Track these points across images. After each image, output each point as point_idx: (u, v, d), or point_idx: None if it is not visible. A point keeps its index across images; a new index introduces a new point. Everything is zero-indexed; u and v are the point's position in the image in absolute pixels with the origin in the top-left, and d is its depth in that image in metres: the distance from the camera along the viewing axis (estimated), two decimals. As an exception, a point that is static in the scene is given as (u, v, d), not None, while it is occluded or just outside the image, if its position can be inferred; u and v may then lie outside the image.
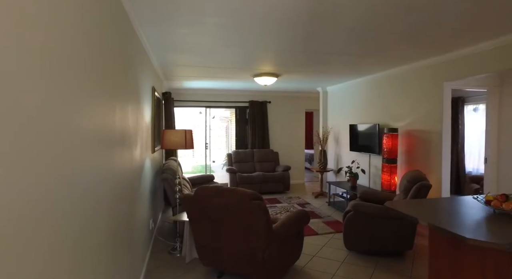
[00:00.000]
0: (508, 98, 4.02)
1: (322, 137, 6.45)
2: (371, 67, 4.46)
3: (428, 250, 2.09)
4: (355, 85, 5.66)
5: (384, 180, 4.37)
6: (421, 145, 4.09)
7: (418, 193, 3.18)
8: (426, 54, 3.66)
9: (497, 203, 2.00)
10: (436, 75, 3.84)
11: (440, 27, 2.74)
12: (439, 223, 1.77)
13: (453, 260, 1.90)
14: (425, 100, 4.02)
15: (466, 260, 1.80)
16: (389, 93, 4.71)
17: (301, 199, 6.14)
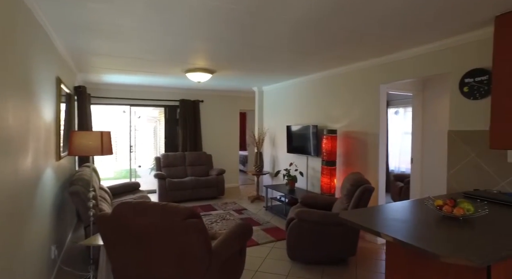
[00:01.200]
0: (429, 102, 4.31)
1: (258, 138, 6.22)
2: (310, 67, 4.36)
3: (386, 262, 1.93)
4: (293, 85, 5.55)
5: (324, 183, 4.30)
6: (358, 147, 4.11)
7: (362, 196, 3.10)
8: (365, 55, 3.65)
9: (448, 209, 1.94)
10: (373, 77, 3.88)
11: (383, 29, 2.68)
12: (405, 238, 1.59)
13: (412, 272, 1.76)
14: (362, 101, 4.05)
15: (428, 273, 1.66)
16: (326, 94, 4.69)
17: (237, 205, 5.80)
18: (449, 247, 1.49)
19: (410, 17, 2.47)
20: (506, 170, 2.62)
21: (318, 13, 2.39)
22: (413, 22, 2.57)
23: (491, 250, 1.44)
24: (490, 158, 2.71)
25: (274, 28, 2.74)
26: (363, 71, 4.01)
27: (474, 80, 2.79)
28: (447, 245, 1.51)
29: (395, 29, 2.73)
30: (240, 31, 2.84)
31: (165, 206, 2.00)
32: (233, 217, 4.96)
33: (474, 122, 2.83)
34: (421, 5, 2.26)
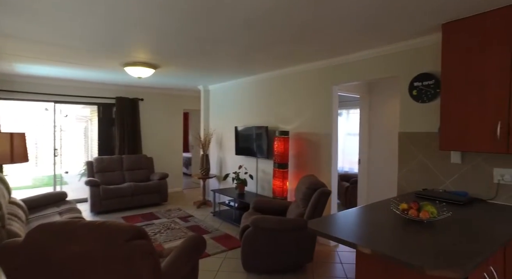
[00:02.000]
0: (375, 104, 4.48)
1: (204, 140, 5.88)
2: (260, 65, 4.19)
3: (356, 273, 1.81)
4: (242, 84, 5.34)
5: (276, 187, 4.16)
6: (311, 148, 4.06)
7: (319, 200, 3.02)
8: (317, 56, 3.60)
9: (414, 213, 1.90)
10: (325, 78, 3.86)
11: (339, 30, 2.61)
12: (382, 249, 1.47)
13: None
14: (314, 102, 4.00)
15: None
16: (278, 94, 4.57)
17: (182, 211, 5.38)
18: (429, 257, 1.40)
19: (365, 19, 2.44)
20: (450, 170, 2.75)
21: (273, 4, 2.21)
22: (366, 25, 2.56)
23: (468, 258, 1.39)
24: (436, 158, 2.83)
25: (226, 20, 2.48)
26: (315, 71, 3.97)
27: (422, 84, 2.90)
28: (427, 255, 1.42)
29: (349, 31, 2.69)
30: (189, 21, 2.52)
31: (101, 226, 1.60)
32: (179, 226, 4.56)
33: (422, 124, 2.93)
34: (374, 9, 2.24)
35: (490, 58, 2.24)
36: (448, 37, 2.46)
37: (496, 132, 2.21)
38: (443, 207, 2.11)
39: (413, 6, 2.22)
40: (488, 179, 2.53)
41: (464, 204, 2.36)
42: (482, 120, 2.29)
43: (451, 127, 2.46)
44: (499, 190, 2.46)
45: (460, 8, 2.24)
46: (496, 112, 2.22)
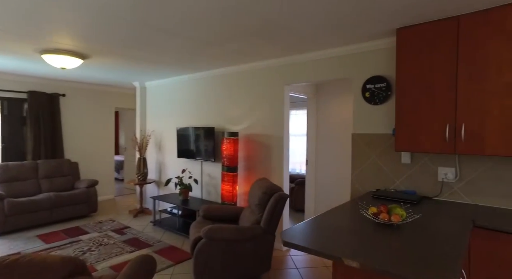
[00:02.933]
0: (322, 106, 4.54)
1: (141, 142, 5.31)
2: (210, 62, 3.89)
3: (333, 287, 1.67)
4: (185, 82, 4.94)
5: (225, 191, 3.90)
6: (262, 150, 3.90)
7: (277, 205, 2.86)
8: (270, 54, 3.46)
9: (385, 216, 1.86)
10: (277, 77, 3.74)
11: (305, 26, 2.50)
12: (372, 263, 1.35)
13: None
14: (266, 102, 3.86)
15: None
16: (226, 93, 4.31)
17: (116, 222, 4.76)
18: (418, 266, 1.33)
19: (329, 19, 2.37)
20: (400, 170, 2.86)
21: (243, -8, 1.98)
22: (330, 24, 2.49)
23: (451, 263, 1.35)
24: (388, 159, 2.92)
25: (182, 7, 2.16)
26: (267, 70, 3.83)
27: (375, 87, 2.96)
28: (415, 264, 1.34)
29: (314, 29, 2.60)
30: (134, 2, 2.13)
31: (19, 265, 1.17)
32: (114, 240, 3.98)
33: (375, 126, 3.00)
34: (340, 8, 2.17)
35: (438, 63, 2.35)
36: (402, 42, 2.53)
37: (445, 134, 2.33)
38: (409, 209, 2.13)
39: (374, 10, 2.22)
40: (434, 177, 2.68)
41: (416, 203, 2.45)
42: (432, 123, 2.39)
43: (405, 129, 2.53)
44: (443, 188, 2.63)
45: (414, 15, 2.30)
46: (444, 115, 2.34)
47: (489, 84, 2.17)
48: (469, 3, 2.10)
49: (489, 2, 2.09)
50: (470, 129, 2.24)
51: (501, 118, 2.13)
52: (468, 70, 2.24)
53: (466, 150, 2.26)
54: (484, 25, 2.18)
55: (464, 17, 2.25)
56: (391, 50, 2.88)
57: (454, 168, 2.57)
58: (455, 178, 2.57)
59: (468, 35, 2.24)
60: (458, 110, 2.28)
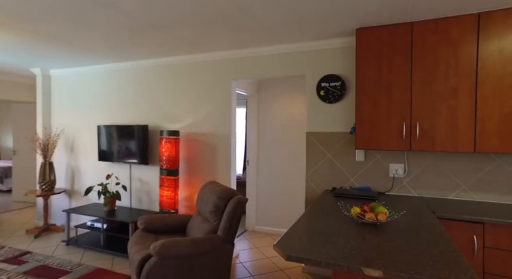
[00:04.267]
0: (264, 104, 4.43)
1: (46, 143, 4.30)
2: (144, 49, 3.35)
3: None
4: (111, 72, 4.19)
5: (165, 198, 3.42)
6: (206, 151, 3.56)
7: (236, 210, 2.60)
8: (218, 45, 3.16)
9: (372, 216, 1.82)
10: (225, 71, 3.46)
11: (261, 18, 2.31)
12: (392, 270, 1.25)
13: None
14: (211, 98, 3.53)
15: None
16: (165, 87, 3.81)
17: (7, 249, 3.71)
18: (436, 269, 1.28)
19: (293, 13, 2.25)
20: (354, 167, 2.94)
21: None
22: (291, 19, 2.37)
23: (460, 261, 1.36)
24: (342, 157, 2.98)
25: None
26: (213, 63, 3.51)
27: (329, 85, 2.98)
28: (429, 266, 1.30)
29: (272, 23, 2.44)
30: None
31: None
32: (8, 274, 3.06)
33: (329, 124, 3.02)
34: (300, 4, 2.08)
35: (395, 64, 2.48)
36: (362, 42, 2.58)
37: (402, 132, 2.47)
38: (386, 206, 2.16)
39: (334, 9, 2.19)
40: (385, 173, 2.83)
41: (377, 199, 2.54)
42: (391, 121, 2.51)
43: (366, 128, 2.59)
44: (394, 183, 2.80)
45: (372, 17, 2.37)
46: (401, 114, 2.48)
47: (438, 87, 2.37)
48: (421, 10, 2.25)
49: (438, 13, 2.27)
50: (423, 128, 2.41)
51: (448, 118, 2.35)
52: (421, 73, 2.41)
53: (419, 147, 2.42)
54: (433, 33, 2.38)
55: (417, 24, 2.42)
56: (347, 50, 2.93)
57: (403, 164, 2.76)
58: (404, 174, 2.76)
59: (420, 41, 2.41)
60: (413, 110, 2.44)
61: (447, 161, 2.64)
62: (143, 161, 3.75)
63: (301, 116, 4.14)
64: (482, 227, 2.10)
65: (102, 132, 4.03)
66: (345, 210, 2.13)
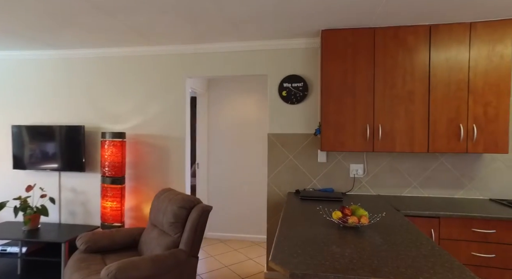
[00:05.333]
0: (214, 104, 4.19)
1: None
2: (87, 36, 2.85)
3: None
4: (32, 60, 3.47)
5: (109, 210, 2.95)
6: (156, 155, 3.20)
7: (200, 220, 2.37)
8: (177, 38, 2.86)
9: (355, 219, 1.79)
10: (178, 67, 3.15)
11: (221, 8, 2.14)
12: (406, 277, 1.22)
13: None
14: (162, 97, 3.18)
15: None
16: (105, 83, 3.30)
17: None
18: (435, 270, 1.30)
19: (259, 6, 2.13)
20: (316, 169, 2.95)
21: None
22: (255, 13, 2.25)
23: (451, 259, 1.40)
24: (305, 159, 2.96)
25: None
26: (166, 58, 3.17)
27: (292, 86, 2.94)
28: (430, 269, 1.31)
29: (240, 13, 2.28)
30: None
31: None
32: None
33: (292, 126, 2.98)
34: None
35: (359, 67, 2.55)
36: (328, 43, 2.59)
37: (366, 134, 2.55)
38: (362, 207, 2.17)
39: (298, 8, 2.15)
40: (346, 174, 2.90)
41: (342, 200, 2.57)
42: (355, 123, 2.56)
43: (331, 129, 2.60)
44: (355, 183, 2.89)
45: (336, 19, 2.39)
46: (365, 116, 2.55)
47: (397, 91, 2.51)
48: (383, 17, 2.35)
49: (397, 21, 2.40)
50: (385, 130, 2.53)
51: (406, 120, 2.50)
52: (382, 76, 2.52)
53: (382, 148, 2.53)
54: (393, 39, 2.51)
55: (379, 30, 2.52)
56: (310, 51, 2.92)
57: (363, 164, 2.86)
58: (364, 174, 2.86)
59: (382, 46, 2.52)
60: (376, 112, 2.54)
61: (401, 161, 2.82)
62: (77, 167, 3.20)
63: (256, 117, 4.04)
64: (438, 221, 2.27)
65: (18, 133, 3.32)
66: (326, 214, 2.09)
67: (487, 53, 2.42)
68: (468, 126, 2.44)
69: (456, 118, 2.44)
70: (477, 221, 2.24)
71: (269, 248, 3.01)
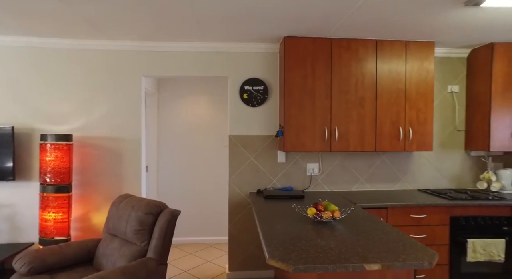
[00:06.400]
0: (165, 104, 4.00)
1: None
2: (25, 19, 2.45)
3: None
4: None
5: (52, 223, 2.58)
6: (107, 158, 2.93)
7: (168, 226, 2.27)
8: (134, 33, 2.67)
9: (329, 214, 1.95)
10: (134, 65, 2.93)
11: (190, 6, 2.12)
12: (386, 260, 1.39)
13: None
14: (113, 96, 2.92)
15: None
16: (43, 77, 2.87)
17: None
18: (407, 253, 1.51)
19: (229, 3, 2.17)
20: (276, 169, 3.08)
21: None
22: (220, 12, 2.28)
23: (419, 245, 1.65)
24: (265, 160, 3.06)
25: None
26: (120, 53, 2.92)
27: (253, 88, 3.01)
28: (402, 252, 1.53)
29: (206, 10, 2.27)
30: None
31: None
32: None
33: (252, 127, 3.05)
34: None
35: (318, 73, 2.76)
36: (290, 50, 2.73)
37: (325, 135, 2.77)
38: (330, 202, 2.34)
39: (262, 14, 2.25)
40: (303, 173, 3.10)
41: (303, 197, 2.75)
42: (315, 125, 2.77)
43: (293, 131, 2.75)
44: (311, 181, 3.10)
45: (298, 28, 2.54)
46: (323, 119, 2.77)
47: (350, 96, 2.79)
48: (338, 29, 2.60)
49: (351, 34, 2.68)
50: (340, 132, 2.78)
51: (358, 123, 2.80)
52: (338, 83, 2.78)
53: (338, 148, 2.78)
54: (347, 50, 2.78)
55: (335, 40, 2.77)
56: (270, 56, 3.03)
57: (318, 163, 3.09)
58: (319, 172, 3.10)
59: (337, 55, 2.77)
60: (333, 116, 2.78)
61: (350, 159, 3.14)
62: (4, 176, 2.73)
63: (210, 118, 4.00)
64: (386, 211, 2.61)
65: None
66: (301, 211, 2.21)
67: (418, 67, 2.86)
68: (406, 128, 2.85)
69: (397, 121, 2.84)
70: (414, 208, 2.64)
71: (232, 248, 3.04)
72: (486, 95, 2.99)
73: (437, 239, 2.66)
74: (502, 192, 3.05)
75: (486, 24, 2.47)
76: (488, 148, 2.96)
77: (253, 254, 3.06)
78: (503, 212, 2.72)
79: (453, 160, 3.26)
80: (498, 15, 2.27)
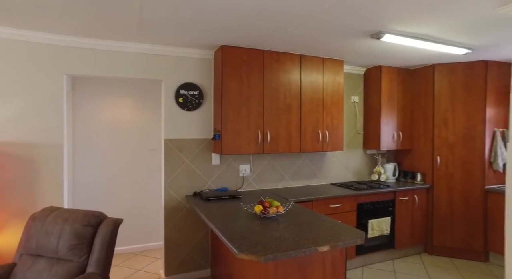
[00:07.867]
0: (79, 105, 3.58)
1: None
2: None
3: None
4: None
5: None
6: (16, 169, 2.51)
7: (112, 236, 2.15)
8: (50, 22, 2.37)
9: (274, 210, 2.20)
10: (55, 61, 2.57)
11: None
12: (334, 242, 1.70)
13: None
14: (28, 96, 2.52)
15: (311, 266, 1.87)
16: None
17: None
18: (344, 235, 1.87)
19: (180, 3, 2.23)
20: (211, 171, 3.18)
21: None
22: (172, 15, 2.31)
23: (350, 229, 2.04)
24: (200, 162, 3.13)
25: None
26: (37, 46, 2.52)
27: (188, 93, 3.04)
28: (340, 234, 1.88)
29: (160, 11, 2.25)
30: None
31: None
32: None
33: (188, 131, 3.07)
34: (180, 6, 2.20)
35: (253, 81, 2.99)
36: (227, 58, 2.89)
37: (258, 138, 3.03)
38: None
39: (200, 22, 2.35)
40: (236, 174, 3.29)
41: (240, 197, 2.94)
42: (249, 130, 2.99)
43: (230, 135, 2.91)
44: (244, 181, 3.32)
45: (233, 38, 2.74)
46: (257, 123, 3.03)
47: (280, 104, 3.12)
48: (270, 42, 2.91)
49: (280, 48, 3.02)
50: (271, 135, 3.08)
51: (286, 127, 3.16)
52: (269, 91, 3.07)
53: (270, 150, 3.08)
54: (277, 61, 3.10)
55: (267, 52, 3.05)
56: (205, 61, 3.11)
57: (249, 164, 3.33)
58: (250, 173, 3.34)
59: (269, 66, 3.06)
60: (265, 121, 3.05)
61: (277, 160, 3.48)
62: None
63: (134, 121, 3.79)
64: (311, 203, 3.03)
65: None
66: (250, 209, 2.38)
67: (332, 80, 3.40)
68: (323, 132, 3.35)
69: (317, 126, 3.31)
70: (332, 199, 3.14)
71: (168, 253, 3.00)
72: (377, 105, 3.76)
73: (349, 222, 3.22)
74: (387, 181, 3.88)
75: (379, 52, 3.14)
76: (379, 147, 3.72)
77: (189, 256, 3.09)
78: (389, 196, 3.49)
79: (355, 158, 3.96)
80: (387, 46, 2.93)
